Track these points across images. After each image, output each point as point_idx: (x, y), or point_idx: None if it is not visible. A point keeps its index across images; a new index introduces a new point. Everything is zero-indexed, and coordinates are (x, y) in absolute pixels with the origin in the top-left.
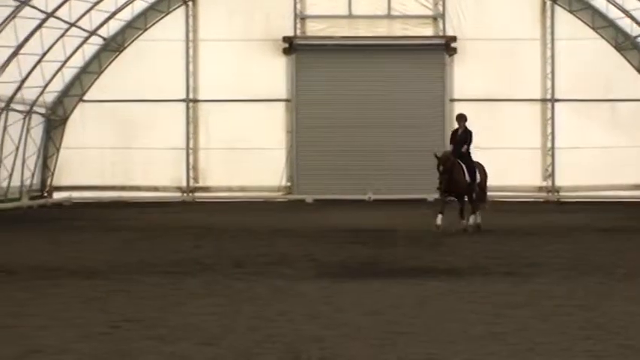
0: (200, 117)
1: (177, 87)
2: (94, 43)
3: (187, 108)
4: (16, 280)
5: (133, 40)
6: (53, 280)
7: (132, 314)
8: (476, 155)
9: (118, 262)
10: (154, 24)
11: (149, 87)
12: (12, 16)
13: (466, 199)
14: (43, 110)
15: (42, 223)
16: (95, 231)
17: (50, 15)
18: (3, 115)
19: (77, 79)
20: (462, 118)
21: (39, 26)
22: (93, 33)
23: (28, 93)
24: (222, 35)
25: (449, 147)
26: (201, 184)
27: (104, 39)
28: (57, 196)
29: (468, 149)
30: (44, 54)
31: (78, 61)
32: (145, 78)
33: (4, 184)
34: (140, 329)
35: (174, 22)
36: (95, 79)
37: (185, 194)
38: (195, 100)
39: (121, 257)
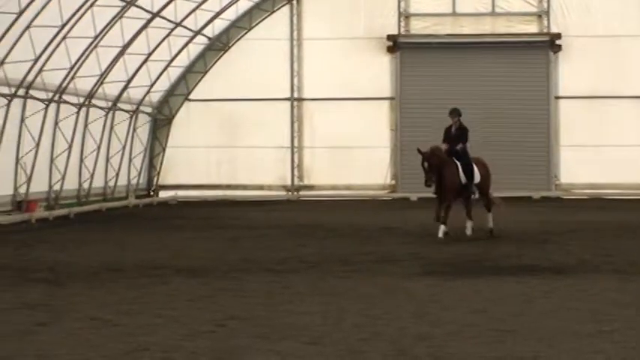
0: (304, 115)
1: (281, 86)
2: (200, 43)
3: (292, 107)
4: (124, 279)
5: (238, 40)
6: (160, 278)
7: (238, 312)
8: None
9: (223, 261)
10: (258, 23)
11: (254, 86)
12: (118, 16)
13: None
14: (149, 109)
15: (148, 222)
16: (201, 230)
17: (156, 15)
18: (110, 115)
19: (182, 78)
20: (455, 113)
21: (145, 26)
22: (198, 32)
23: (135, 92)
24: (327, 34)
25: (447, 145)
26: (305, 182)
27: (209, 38)
28: (163, 194)
29: (464, 148)
30: (150, 54)
31: (183, 60)
32: (250, 77)
33: (111, 183)
34: (246, 327)
35: (278, 21)
36: (200, 79)
37: (290, 193)
38: (300, 99)
39: (227, 255)
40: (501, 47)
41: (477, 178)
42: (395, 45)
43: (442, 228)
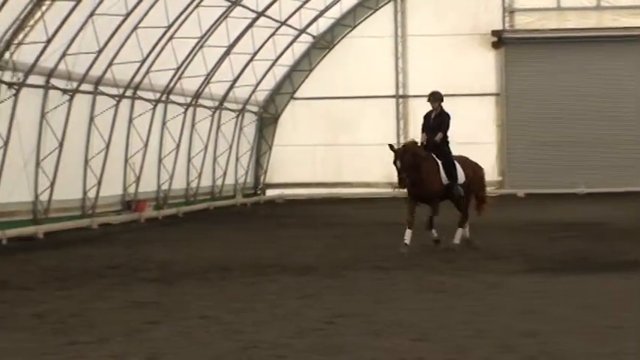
0: (410, 113)
1: (386, 83)
2: (304, 41)
3: (397, 104)
4: (232, 277)
5: (342, 38)
6: (268, 276)
7: (346, 310)
8: None
9: (331, 258)
10: (362, 21)
11: (359, 83)
12: (224, 16)
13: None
14: (255, 109)
15: (255, 221)
16: (307, 227)
17: (261, 14)
18: (216, 114)
19: (288, 77)
20: (435, 97)
21: (250, 26)
22: (302, 31)
23: (241, 92)
24: (431, 30)
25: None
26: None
27: (314, 37)
28: (270, 193)
29: (444, 138)
30: (255, 53)
31: (288, 59)
32: (355, 75)
33: (219, 182)
34: (354, 325)
35: (382, 19)
36: (305, 77)
37: (396, 190)
38: (405, 96)
39: (334, 253)
40: (607, 41)
41: (462, 178)
42: (500, 40)
43: (408, 234)
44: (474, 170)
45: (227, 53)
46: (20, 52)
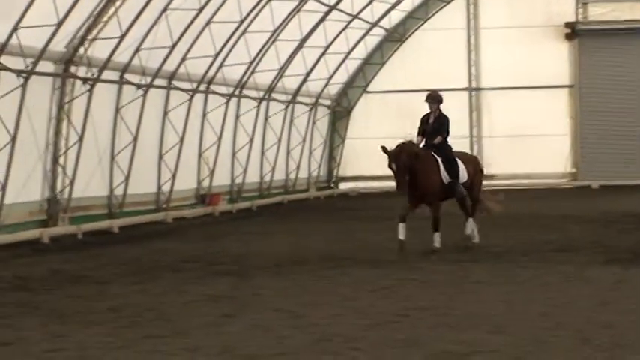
0: (483, 105)
1: (459, 76)
2: (376, 35)
3: (470, 96)
4: (306, 270)
5: (415, 31)
6: (342, 269)
7: (420, 302)
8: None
9: (404, 251)
10: (434, 13)
11: (431, 76)
12: (296, 10)
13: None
14: (328, 102)
15: (329, 214)
16: (381, 220)
17: (333, 8)
18: (289, 108)
19: (360, 70)
20: (434, 98)
21: (322, 19)
22: (375, 24)
23: (313, 85)
24: (503, 23)
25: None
26: (485, 172)
27: (386, 30)
28: (343, 186)
29: (445, 142)
30: (328, 46)
31: (361, 52)
32: (427, 67)
33: (292, 175)
34: (429, 317)
35: (455, 11)
36: (378, 70)
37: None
38: (478, 89)
39: (408, 246)
40: None
41: (464, 176)
42: (573, 32)
43: (401, 227)
44: (476, 168)
45: (299, 47)
46: (94, 48)
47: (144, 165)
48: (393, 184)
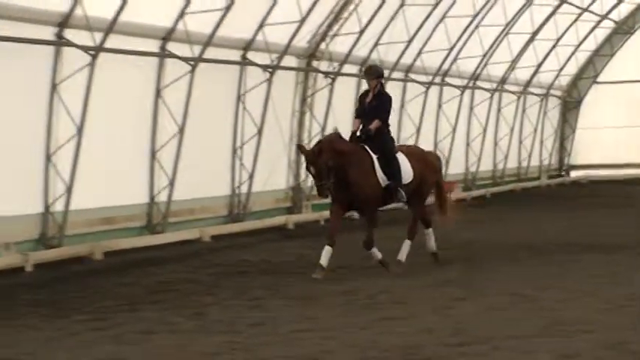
0: None
1: None
2: (606, 27)
3: None
4: (538, 255)
5: None
6: (573, 255)
7: None
8: None
9: (634, 237)
10: None
11: None
12: (527, 4)
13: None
14: (558, 93)
15: (560, 201)
16: (612, 207)
17: (563, 1)
18: (521, 99)
19: (590, 61)
20: (372, 73)
21: (553, 13)
22: (604, 17)
23: (544, 77)
24: None
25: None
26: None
27: (615, 22)
28: (574, 174)
29: (386, 128)
30: (558, 39)
31: (590, 44)
32: None
33: (524, 163)
34: None
35: None
36: (607, 62)
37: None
38: None
39: (638, 233)
40: None
41: (408, 176)
42: None
43: (327, 251)
44: (425, 163)
45: (531, 40)
46: (335, 43)
47: None
48: (623, 172)
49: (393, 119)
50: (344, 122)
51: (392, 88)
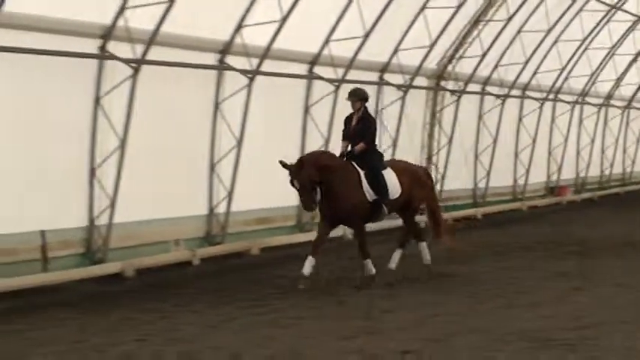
0: None
1: None
2: None
3: None
4: None
5: None
6: None
7: None
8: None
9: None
10: None
11: None
12: (605, 19)
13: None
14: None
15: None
16: None
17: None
18: (602, 110)
19: None
20: (356, 95)
21: (631, 28)
22: None
23: (625, 90)
24: None
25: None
26: None
27: None
28: None
29: (371, 148)
30: (638, 54)
31: None
32: None
33: (628, 169)
34: None
35: None
36: None
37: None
38: None
39: None
40: None
41: (396, 191)
42: None
43: (309, 261)
44: (414, 179)
45: (609, 54)
46: (461, 65)
47: (502, 162)
48: None
49: (509, 132)
50: (468, 134)
51: (509, 105)
